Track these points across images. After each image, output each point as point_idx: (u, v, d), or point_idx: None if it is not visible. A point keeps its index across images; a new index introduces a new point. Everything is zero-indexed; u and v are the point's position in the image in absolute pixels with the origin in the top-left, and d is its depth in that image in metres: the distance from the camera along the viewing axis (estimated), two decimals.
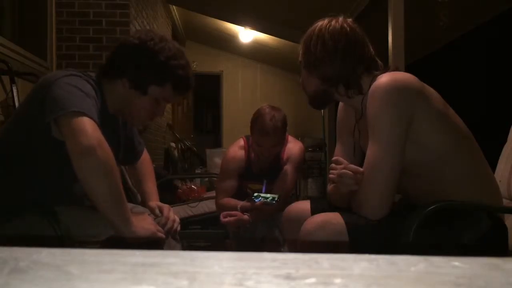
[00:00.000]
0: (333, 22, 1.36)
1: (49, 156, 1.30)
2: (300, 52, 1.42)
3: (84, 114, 1.16)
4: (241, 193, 2.36)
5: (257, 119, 2.17)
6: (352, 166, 1.28)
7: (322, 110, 4.95)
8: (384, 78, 1.24)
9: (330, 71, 1.34)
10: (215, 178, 3.67)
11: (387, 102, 1.21)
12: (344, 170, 1.26)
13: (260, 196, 2.10)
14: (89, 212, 1.31)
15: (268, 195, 2.11)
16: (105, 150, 1.15)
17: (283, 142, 2.25)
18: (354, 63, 1.33)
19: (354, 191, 1.27)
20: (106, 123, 1.30)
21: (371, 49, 1.38)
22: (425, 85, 1.28)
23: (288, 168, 2.28)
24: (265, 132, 2.13)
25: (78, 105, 1.18)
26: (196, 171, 5.07)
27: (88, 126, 1.15)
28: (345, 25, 1.35)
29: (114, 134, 1.49)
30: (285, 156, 2.31)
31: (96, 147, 1.12)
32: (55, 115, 1.17)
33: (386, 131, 1.21)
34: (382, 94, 1.21)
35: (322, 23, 1.38)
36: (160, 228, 1.34)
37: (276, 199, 2.08)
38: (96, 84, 1.34)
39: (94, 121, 1.17)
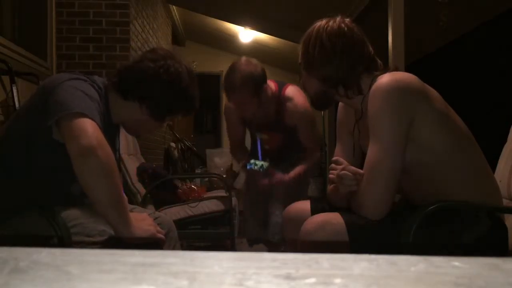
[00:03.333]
0: (331, 23, 1.36)
1: (49, 157, 1.30)
2: (300, 53, 1.42)
3: (85, 115, 1.16)
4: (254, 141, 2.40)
5: (225, 73, 2.08)
6: (352, 167, 1.28)
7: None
8: (385, 78, 1.24)
9: (329, 72, 1.34)
10: (215, 178, 3.67)
11: (388, 102, 1.21)
12: (343, 172, 1.26)
13: (251, 163, 2.20)
14: (89, 212, 1.31)
15: (260, 162, 2.20)
16: (106, 151, 1.15)
17: (254, 101, 2.07)
18: (353, 63, 1.33)
19: (353, 192, 1.27)
20: (108, 130, 1.31)
21: (370, 49, 1.38)
22: (426, 85, 1.28)
23: (298, 127, 2.21)
24: (227, 87, 2.03)
25: (80, 107, 1.18)
26: (196, 171, 5.07)
27: (89, 127, 1.15)
28: (342, 25, 1.35)
29: (114, 142, 1.50)
30: (287, 114, 2.20)
31: (97, 148, 1.12)
32: (56, 116, 1.17)
33: (387, 131, 1.21)
34: (384, 94, 1.21)
35: (320, 23, 1.38)
36: (160, 229, 1.34)
37: (264, 167, 2.17)
38: (101, 90, 1.35)
39: (96, 123, 1.17)
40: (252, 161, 2.22)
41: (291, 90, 2.24)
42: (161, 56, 1.41)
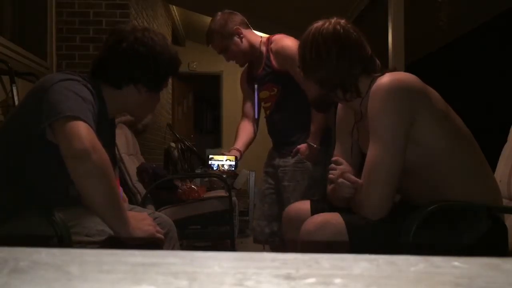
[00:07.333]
0: (326, 25, 1.35)
1: (45, 157, 1.30)
2: (298, 57, 1.42)
3: (78, 118, 1.16)
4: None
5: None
6: (352, 177, 1.28)
7: None
8: (386, 78, 1.24)
9: (326, 75, 1.34)
10: (215, 178, 3.67)
11: (389, 102, 1.21)
12: (341, 180, 1.27)
13: (216, 162, 2.01)
14: (88, 212, 1.31)
15: (225, 160, 2.02)
16: (100, 154, 1.14)
17: (230, 45, 2.18)
18: (350, 65, 1.33)
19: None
20: (104, 127, 1.30)
21: (368, 49, 1.37)
22: (427, 85, 1.28)
23: (290, 70, 2.04)
24: (206, 36, 2.20)
25: (73, 110, 1.17)
26: (196, 171, 5.06)
27: (82, 130, 1.14)
28: (338, 27, 1.34)
29: (110, 139, 1.50)
30: (275, 61, 2.16)
31: (90, 151, 1.12)
32: (50, 120, 1.17)
33: (388, 132, 1.21)
34: (384, 94, 1.21)
35: (316, 26, 1.37)
36: (159, 229, 1.34)
37: (233, 165, 2.01)
38: (94, 88, 1.34)
39: (89, 125, 1.17)
40: (210, 157, 1.96)
41: (279, 35, 2.23)
42: (127, 32, 1.42)
